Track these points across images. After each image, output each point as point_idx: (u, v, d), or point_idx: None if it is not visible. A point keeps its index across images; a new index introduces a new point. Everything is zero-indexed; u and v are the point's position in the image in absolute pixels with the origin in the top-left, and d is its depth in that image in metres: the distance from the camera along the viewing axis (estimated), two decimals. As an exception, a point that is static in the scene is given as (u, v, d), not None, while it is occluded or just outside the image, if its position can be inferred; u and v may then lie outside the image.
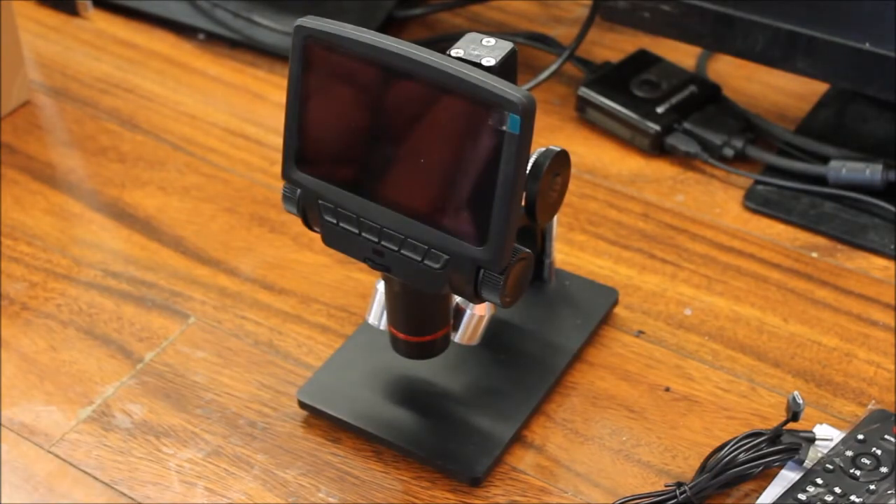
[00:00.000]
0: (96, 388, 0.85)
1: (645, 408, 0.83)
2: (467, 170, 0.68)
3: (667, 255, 0.94)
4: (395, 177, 0.71)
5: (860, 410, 0.82)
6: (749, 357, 0.86)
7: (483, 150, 0.67)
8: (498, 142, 0.66)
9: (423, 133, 0.69)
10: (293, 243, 0.95)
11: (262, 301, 0.91)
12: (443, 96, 0.67)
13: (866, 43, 0.93)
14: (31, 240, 0.97)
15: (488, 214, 0.67)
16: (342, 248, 0.75)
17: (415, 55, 0.67)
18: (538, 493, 0.78)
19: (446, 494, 0.78)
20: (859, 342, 0.87)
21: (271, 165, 1.03)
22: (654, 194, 1.00)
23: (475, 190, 0.68)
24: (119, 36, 1.19)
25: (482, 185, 0.67)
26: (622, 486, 0.78)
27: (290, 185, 0.75)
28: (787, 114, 1.06)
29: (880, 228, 0.95)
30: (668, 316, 0.89)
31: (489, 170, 0.67)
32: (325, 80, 0.72)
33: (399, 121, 0.70)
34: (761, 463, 0.76)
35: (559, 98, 1.09)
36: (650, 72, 1.07)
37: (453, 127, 0.68)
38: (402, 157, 0.70)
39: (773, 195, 0.99)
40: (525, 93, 0.65)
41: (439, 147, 0.69)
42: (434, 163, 0.69)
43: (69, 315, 0.90)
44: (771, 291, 0.91)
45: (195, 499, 0.79)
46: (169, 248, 0.96)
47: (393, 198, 0.71)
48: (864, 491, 0.73)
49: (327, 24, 0.70)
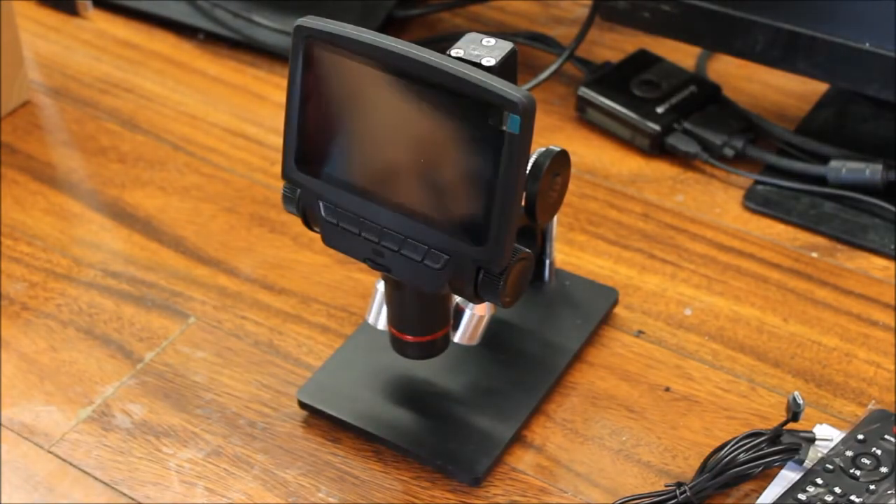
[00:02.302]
0: (96, 388, 0.85)
1: (645, 408, 0.83)
2: (467, 170, 0.68)
3: (667, 255, 0.94)
4: (394, 177, 0.71)
5: (860, 410, 0.82)
6: (749, 357, 0.86)
7: (483, 151, 0.67)
8: (498, 142, 0.66)
9: (423, 133, 0.69)
10: (293, 243, 0.95)
11: (263, 301, 0.91)
12: (443, 96, 0.67)
13: (866, 43, 0.93)
14: (31, 240, 0.97)
15: (488, 214, 0.67)
16: (342, 248, 0.75)
17: (415, 55, 0.67)
18: (538, 493, 0.78)
19: (446, 494, 0.78)
20: (859, 342, 0.87)
21: (271, 165, 1.03)
22: (654, 194, 1.00)
23: (475, 190, 0.68)
24: (119, 36, 1.19)
25: (482, 185, 0.67)
26: (622, 486, 0.78)
27: (290, 185, 0.75)
28: (787, 114, 1.06)
29: (880, 228, 0.95)
30: (668, 316, 0.89)
31: (489, 170, 0.67)
32: (325, 80, 0.71)
33: (399, 121, 0.70)
34: (761, 463, 0.76)
35: (559, 98, 1.09)
36: (650, 72, 1.07)
37: (453, 127, 0.68)
38: (402, 156, 0.70)
39: (773, 195, 0.99)
40: (525, 93, 0.65)
41: (439, 147, 0.69)
42: (434, 163, 0.69)
43: (69, 315, 0.90)
44: (771, 291, 0.91)
45: (195, 499, 0.79)
46: (169, 248, 0.96)
47: (393, 198, 0.71)
48: (864, 491, 0.73)
49: (327, 24, 0.70)
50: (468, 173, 0.68)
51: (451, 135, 0.68)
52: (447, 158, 0.69)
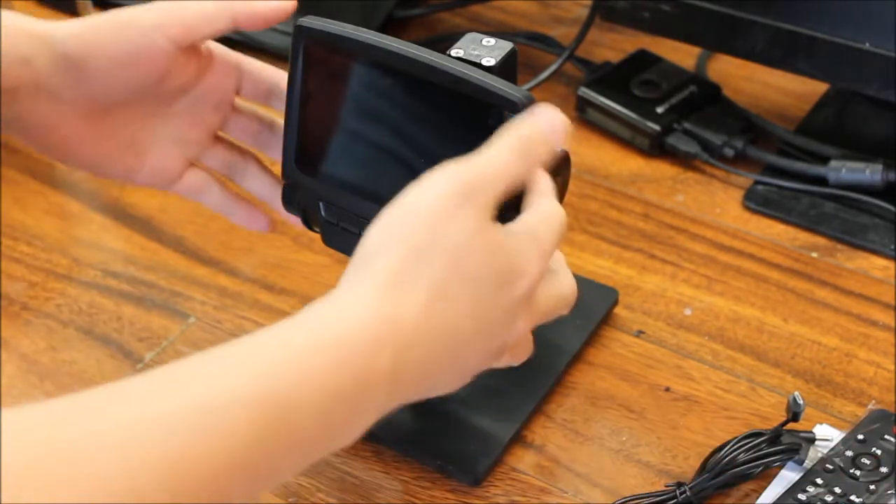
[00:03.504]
0: (96, 388, 0.85)
1: (645, 408, 0.83)
2: (467, 170, 0.68)
3: (667, 255, 0.94)
4: (395, 177, 0.71)
5: (860, 410, 0.82)
6: (749, 357, 0.86)
7: (483, 150, 0.67)
8: (498, 142, 0.66)
9: (423, 133, 0.69)
10: (293, 243, 0.95)
11: (263, 301, 0.91)
12: (443, 96, 0.67)
13: (866, 43, 0.93)
14: (31, 240, 0.97)
15: (488, 214, 0.67)
16: (342, 248, 0.75)
17: (415, 55, 0.67)
18: (538, 493, 0.78)
19: (446, 494, 0.78)
20: (859, 342, 0.87)
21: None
22: (654, 194, 1.00)
23: (475, 190, 0.68)
24: (119, 36, 1.19)
25: (482, 185, 0.67)
26: (622, 486, 0.78)
27: (290, 185, 0.75)
28: (787, 114, 1.06)
29: (880, 228, 0.95)
30: (669, 316, 0.89)
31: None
32: (325, 80, 0.71)
33: (399, 121, 0.70)
34: (761, 463, 0.76)
35: (559, 98, 1.09)
36: (650, 72, 1.07)
37: (453, 127, 0.68)
38: (403, 156, 0.70)
39: (773, 195, 0.98)
40: (525, 93, 0.65)
41: (439, 147, 0.69)
42: (434, 163, 0.69)
43: (69, 315, 0.90)
44: (771, 291, 0.91)
45: (195, 499, 0.78)
46: (169, 248, 0.96)
47: (393, 198, 0.71)
48: (864, 491, 0.73)
49: (327, 24, 0.70)
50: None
51: (451, 135, 0.68)
52: (447, 158, 0.69)
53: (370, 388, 0.57)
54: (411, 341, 0.58)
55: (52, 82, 0.72)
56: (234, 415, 0.53)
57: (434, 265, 0.59)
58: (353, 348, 0.57)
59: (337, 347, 0.56)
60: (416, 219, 0.60)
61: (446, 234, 0.59)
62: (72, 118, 0.74)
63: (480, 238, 0.60)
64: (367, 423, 0.59)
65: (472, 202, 0.60)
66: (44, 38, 0.72)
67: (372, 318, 0.58)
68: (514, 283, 0.62)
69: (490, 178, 0.61)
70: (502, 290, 0.61)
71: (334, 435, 0.58)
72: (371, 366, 0.57)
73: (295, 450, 0.56)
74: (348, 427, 0.58)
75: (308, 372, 0.55)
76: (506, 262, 0.61)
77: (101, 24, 0.72)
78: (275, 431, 0.54)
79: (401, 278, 0.59)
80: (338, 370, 0.56)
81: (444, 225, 0.60)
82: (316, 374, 0.56)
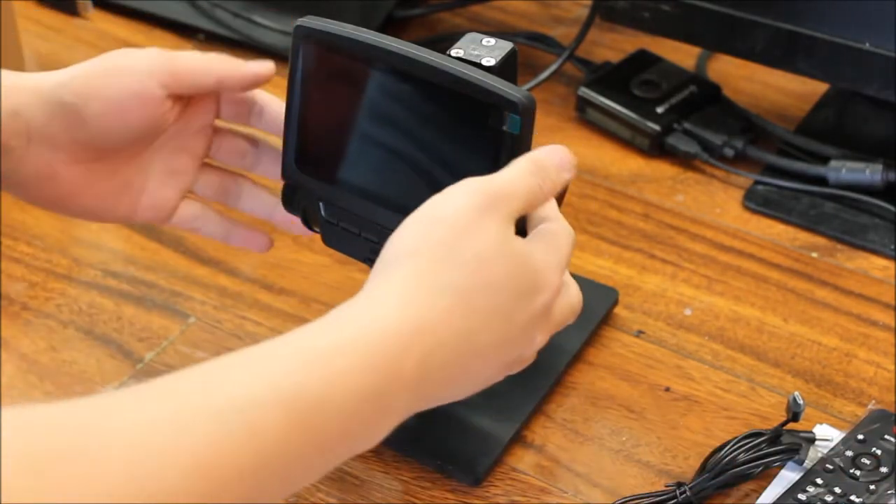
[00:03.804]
0: (96, 389, 0.85)
1: (645, 408, 0.83)
2: (467, 170, 0.68)
3: (667, 255, 0.94)
4: (395, 177, 0.71)
5: (860, 410, 0.82)
6: (749, 357, 0.86)
7: (483, 151, 0.67)
8: (498, 142, 0.66)
9: (423, 133, 0.69)
10: (293, 243, 0.95)
11: (263, 301, 0.91)
12: (443, 96, 0.67)
13: (866, 43, 0.93)
14: (31, 240, 0.97)
15: (488, 214, 0.67)
16: (342, 248, 0.75)
17: (415, 55, 0.67)
18: (538, 493, 0.78)
19: (446, 494, 0.78)
20: (859, 342, 0.87)
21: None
22: (654, 194, 1.00)
23: (475, 190, 0.68)
24: (119, 36, 1.19)
25: (482, 185, 0.67)
26: (622, 486, 0.78)
27: (290, 185, 0.75)
28: (787, 114, 1.06)
29: (880, 228, 0.95)
30: (668, 316, 0.89)
31: (489, 170, 0.66)
32: (325, 80, 0.72)
33: (399, 121, 0.70)
34: (761, 463, 0.76)
35: (559, 98, 1.09)
36: (650, 72, 1.07)
37: (453, 127, 0.68)
38: (403, 157, 0.70)
39: (773, 195, 0.99)
40: (525, 93, 0.65)
41: (439, 147, 0.69)
42: (434, 163, 0.69)
43: (69, 315, 0.90)
44: (771, 291, 0.91)
45: (195, 499, 0.78)
46: (169, 248, 0.96)
47: (393, 198, 0.71)
48: (864, 491, 0.73)
49: (327, 24, 0.70)
50: (468, 173, 0.68)
51: (451, 135, 0.68)
52: (447, 158, 0.69)
53: (396, 389, 0.58)
54: (437, 345, 0.59)
55: (47, 131, 0.73)
56: (261, 415, 0.53)
57: (460, 272, 0.60)
58: (381, 350, 0.57)
59: (364, 349, 0.57)
60: (442, 225, 0.61)
61: (471, 241, 0.60)
62: (68, 166, 0.74)
63: (505, 248, 0.61)
64: (390, 426, 0.59)
65: (496, 212, 0.61)
66: (33, 89, 0.73)
67: (400, 321, 0.58)
68: (536, 295, 0.63)
69: (511, 192, 0.63)
70: (523, 302, 0.62)
71: (358, 436, 0.58)
72: (398, 368, 0.57)
73: (320, 451, 0.56)
74: (372, 429, 0.58)
75: (335, 373, 0.56)
76: (528, 274, 0.62)
77: (92, 70, 0.73)
78: (301, 432, 0.54)
79: (427, 283, 0.59)
80: (365, 371, 0.56)
81: (469, 232, 0.60)
82: (343, 375, 0.56)
